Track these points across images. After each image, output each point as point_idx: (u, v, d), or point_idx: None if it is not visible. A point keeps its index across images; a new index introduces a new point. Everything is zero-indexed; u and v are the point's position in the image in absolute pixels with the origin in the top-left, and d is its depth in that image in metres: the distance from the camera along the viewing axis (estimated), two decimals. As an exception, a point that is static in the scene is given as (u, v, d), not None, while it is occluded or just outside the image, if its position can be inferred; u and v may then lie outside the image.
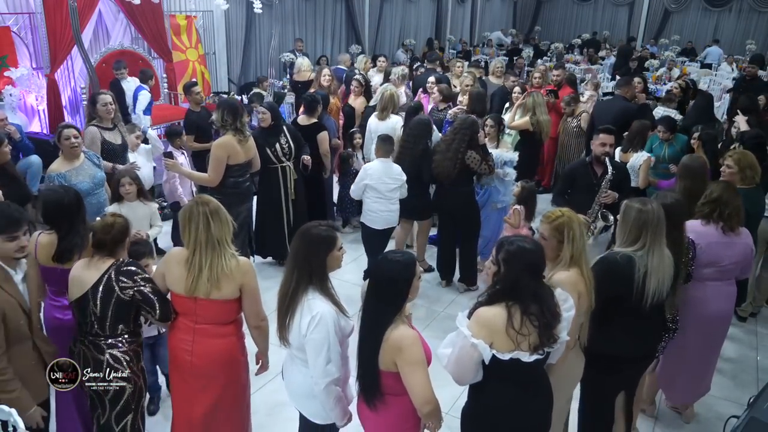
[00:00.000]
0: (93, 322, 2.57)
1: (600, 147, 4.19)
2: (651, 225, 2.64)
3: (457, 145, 4.62)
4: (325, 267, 2.40)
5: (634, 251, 2.67)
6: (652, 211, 2.66)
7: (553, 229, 2.48)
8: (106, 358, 2.55)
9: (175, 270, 2.56)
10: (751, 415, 2.51)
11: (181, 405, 2.72)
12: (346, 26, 13.81)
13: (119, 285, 2.53)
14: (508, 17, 20.25)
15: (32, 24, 6.80)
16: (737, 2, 16.71)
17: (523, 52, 13.33)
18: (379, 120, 5.78)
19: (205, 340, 2.58)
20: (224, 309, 2.58)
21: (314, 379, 2.34)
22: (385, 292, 2.20)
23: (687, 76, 10.73)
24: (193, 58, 8.58)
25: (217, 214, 2.54)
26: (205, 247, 2.50)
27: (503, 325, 2.10)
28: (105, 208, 3.95)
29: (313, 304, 2.32)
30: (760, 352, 4.34)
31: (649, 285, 2.65)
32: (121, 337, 2.60)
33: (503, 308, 2.13)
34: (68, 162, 3.96)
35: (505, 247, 2.20)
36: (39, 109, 6.96)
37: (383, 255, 2.31)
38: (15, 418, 2.26)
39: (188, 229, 2.53)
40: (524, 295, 2.13)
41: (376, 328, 2.17)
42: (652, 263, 2.64)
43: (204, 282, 2.48)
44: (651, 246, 2.65)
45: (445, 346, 2.27)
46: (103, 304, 2.53)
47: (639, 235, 2.67)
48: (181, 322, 2.62)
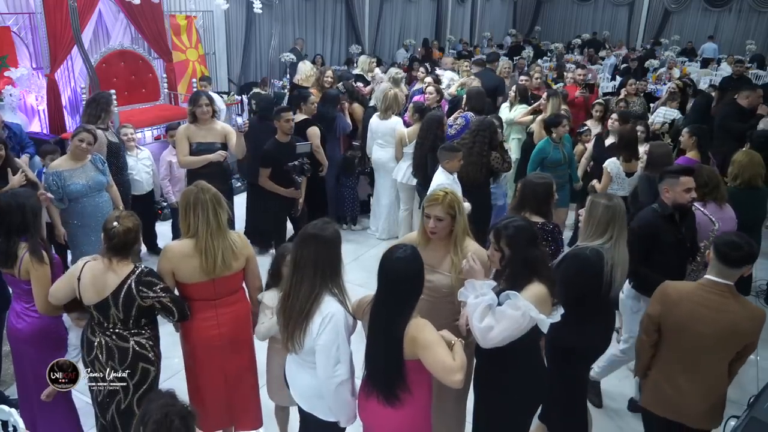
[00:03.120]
0: (116, 322, 2.60)
1: (685, 194, 3.31)
2: (618, 219, 2.79)
3: (479, 149, 4.61)
4: (341, 265, 2.40)
5: (601, 245, 2.78)
6: (618, 206, 2.81)
7: (447, 206, 2.65)
8: (131, 345, 2.63)
9: (188, 263, 2.67)
10: (751, 415, 2.51)
11: (211, 378, 2.86)
12: (346, 26, 13.81)
13: (140, 294, 2.57)
14: (508, 17, 20.26)
15: (32, 24, 6.79)
16: (737, 2, 16.73)
17: (523, 52, 13.33)
18: (380, 120, 5.80)
19: (226, 309, 2.83)
20: (237, 279, 2.87)
21: (322, 380, 2.34)
22: (400, 288, 2.21)
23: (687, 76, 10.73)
24: (193, 58, 8.56)
25: (220, 201, 2.71)
26: (217, 233, 2.67)
27: (549, 298, 2.34)
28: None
29: (326, 304, 2.31)
30: (760, 352, 4.34)
31: (615, 276, 2.78)
32: (144, 327, 2.68)
33: (542, 284, 2.33)
34: (71, 162, 4.01)
35: (503, 232, 2.40)
36: (39, 109, 6.94)
37: (389, 253, 2.28)
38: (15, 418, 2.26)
39: (193, 215, 2.65)
40: (537, 264, 2.35)
41: (398, 323, 2.18)
42: (617, 255, 2.78)
43: (220, 264, 2.68)
44: (617, 239, 2.78)
45: (478, 319, 2.26)
46: (126, 309, 2.58)
47: (606, 229, 2.79)
48: (199, 304, 2.78)
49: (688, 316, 2.58)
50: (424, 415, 2.36)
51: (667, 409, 2.73)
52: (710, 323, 2.53)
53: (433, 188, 4.38)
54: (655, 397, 2.77)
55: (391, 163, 5.79)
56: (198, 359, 2.86)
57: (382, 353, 2.24)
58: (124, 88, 7.61)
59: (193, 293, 2.75)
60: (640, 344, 2.86)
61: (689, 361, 2.65)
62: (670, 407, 2.72)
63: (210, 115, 4.67)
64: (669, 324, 2.67)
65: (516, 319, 2.23)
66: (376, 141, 5.91)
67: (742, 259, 2.50)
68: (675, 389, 2.69)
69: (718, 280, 2.55)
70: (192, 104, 4.62)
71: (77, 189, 3.96)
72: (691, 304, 2.59)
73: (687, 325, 2.59)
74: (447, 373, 2.13)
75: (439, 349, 2.16)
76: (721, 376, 2.64)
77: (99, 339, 2.63)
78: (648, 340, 2.77)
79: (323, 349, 2.30)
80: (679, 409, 2.70)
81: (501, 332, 2.23)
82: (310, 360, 2.39)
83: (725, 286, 2.54)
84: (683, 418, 2.70)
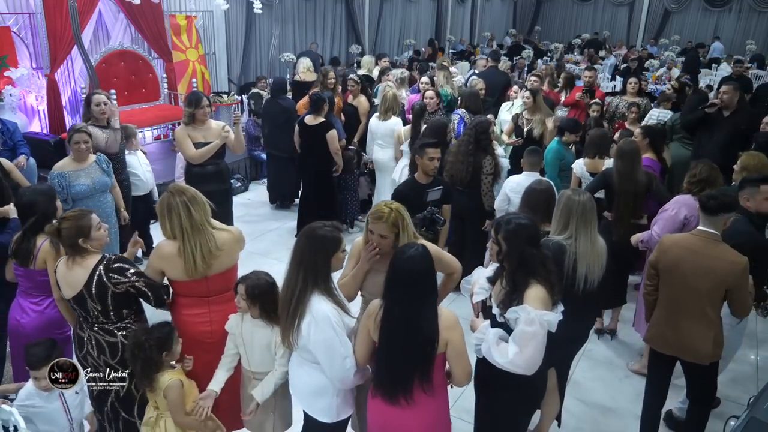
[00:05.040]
0: (97, 315, 2.63)
1: (767, 201, 3.25)
2: (576, 213, 2.86)
3: (465, 148, 4.57)
4: (330, 268, 2.40)
5: (565, 239, 2.89)
6: (578, 201, 2.89)
7: (390, 225, 2.60)
8: (119, 340, 2.65)
9: (174, 262, 2.67)
10: (751, 415, 2.51)
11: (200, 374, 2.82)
12: (346, 26, 13.82)
13: (111, 282, 2.58)
14: (508, 17, 20.26)
15: (32, 24, 6.79)
16: (737, 2, 16.73)
17: (523, 52, 13.32)
18: (380, 120, 5.80)
19: (219, 307, 2.79)
20: (231, 277, 2.80)
21: (334, 380, 2.35)
22: (418, 286, 2.19)
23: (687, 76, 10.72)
24: (193, 58, 8.56)
25: (194, 200, 2.67)
26: (192, 233, 2.63)
27: (549, 298, 2.34)
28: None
29: (314, 305, 2.32)
30: (760, 352, 4.34)
31: (581, 270, 2.85)
32: (127, 319, 2.69)
33: (540, 285, 2.32)
34: (74, 163, 4.05)
35: (503, 226, 2.40)
36: (39, 109, 6.94)
37: (400, 253, 2.26)
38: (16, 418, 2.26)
39: (168, 220, 2.65)
40: (534, 264, 2.34)
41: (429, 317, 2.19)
42: (579, 249, 2.85)
43: (200, 263, 2.64)
44: (577, 233, 2.86)
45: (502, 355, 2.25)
46: (101, 299, 2.59)
47: (567, 223, 2.89)
48: (192, 300, 2.78)
49: (675, 258, 2.97)
50: (446, 412, 2.38)
51: (664, 346, 3.11)
52: (691, 264, 2.91)
53: (512, 187, 4.41)
54: (656, 335, 3.15)
55: (391, 163, 5.79)
56: (189, 355, 2.85)
57: (406, 355, 2.19)
58: (124, 88, 7.62)
59: (186, 290, 2.77)
60: (645, 289, 3.24)
61: (680, 301, 2.99)
62: (667, 344, 3.09)
63: (208, 115, 4.69)
64: (661, 267, 3.06)
65: (536, 334, 2.22)
66: (376, 141, 5.92)
67: (718, 207, 2.87)
68: (670, 327, 3.04)
69: (704, 229, 2.93)
70: (194, 106, 4.58)
71: (81, 190, 4.00)
72: (679, 249, 2.98)
73: (674, 266, 2.98)
74: (467, 372, 2.27)
75: (465, 345, 2.26)
76: (708, 316, 2.93)
77: (87, 334, 2.68)
78: (650, 284, 3.16)
79: (324, 350, 2.30)
80: (674, 345, 3.06)
81: (533, 351, 2.21)
82: (307, 357, 2.41)
83: (710, 233, 2.90)
84: (678, 352, 3.06)
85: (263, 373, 2.62)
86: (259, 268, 2.71)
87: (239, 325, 2.65)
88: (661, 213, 3.80)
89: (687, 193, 3.75)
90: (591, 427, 3.58)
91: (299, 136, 5.67)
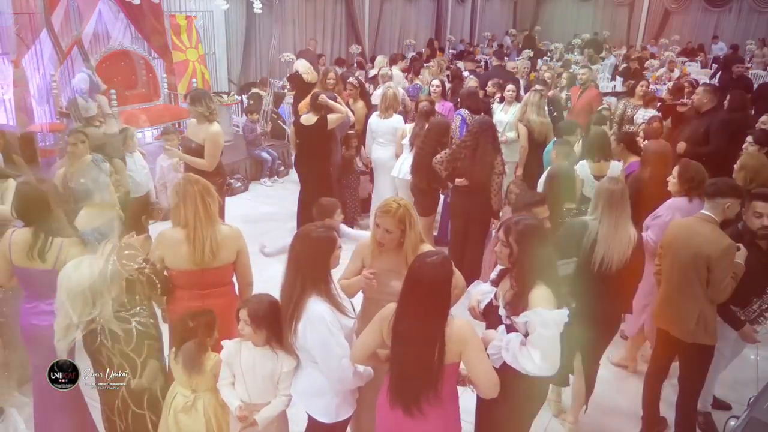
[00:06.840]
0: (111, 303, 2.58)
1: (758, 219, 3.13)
2: (603, 197, 3.06)
3: (483, 149, 4.51)
4: (329, 269, 2.40)
5: (592, 219, 3.11)
6: (607, 188, 3.08)
7: (398, 220, 2.60)
8: (133, 326, 2.62)
9: (179, 249, 2.72)
10: (751, 415, 2.51)
11: None
12: (346, 26, 13.82)
13: (124, 268, 2.57)
14: (508, 17, 20.25)
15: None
16: (737, 2, 16.71)
17: (523, 52, 13.31)
18: (380, 119, 5.81)
19: (214, 301, 2.82)
20: (226, 272, 2.90)
21: (332, 380, 2.34)
22: (433, 294, 2.14)
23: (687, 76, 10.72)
24: (193, 58, 8.57)
25: (209, 191, 2.78)
26: (206, 222, 2.74)
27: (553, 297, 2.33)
28: None
29: (310, 306, 2.31)
30: (760, 352, 4.34)
31: (597, 250, 3.00)
32: (140, 305, 2.68)
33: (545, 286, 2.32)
34: (72, 163, 4.07)
35: (514, 228, 2.39)
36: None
37: (419, 260, 2.22)
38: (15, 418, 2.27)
39: (183, 207, 2.71)
40: (546, 266, 2.35)
41: (436, 327, 2.14)
42: (601, 231, 3.02)
43: (207, 253, 2.74)
44: (602, 216, 3.05)
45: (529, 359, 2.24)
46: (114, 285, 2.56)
47: (597, 205, 3.10)
48: (187, 293, 2.83)
49: (673, 237, 3.18)
50: (456, 423, 2.33)
51: (662, 321, 3.27)
52: (683, 242, 3.08)
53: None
54: (657, 311, 3.32)
55: (391, 162, 5.78)
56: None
57: (414, 363, 2.16)
58: (124, 88, 7.62)
59: (182, 282, 2.80)
60: (654, 269, 3.43)
61: (673, 275, 3.16)
62: (662, 316, 3.26)
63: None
64: (662, 245, 3.28)
65: (554, 335, 2.22)
66: (377, 140, 5.91)
67: (716, 192, 3.07)
68: (666, 300, 3.21)
69: (705, 212, 3.11)
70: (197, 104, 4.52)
71: (82, 189, 3.97)
72: (677, 228, 3.19)
73: (670, 244, 3.18)
74: (491, 382, 2.16)
75: (486, 358, 2.20)
76: (696, 293, 3.05)
77: (100, 325, 2.60)
78: (658, 264, 3.35)
79: (321, 350, 2.30)
80: (665, 318, 3.23)
81: (555, 352, 2.22)
82: (306, 357, 2.41)
83: (707, 216, 3.08)
84: (665, 324, 3.23)
85: (263, 404, 2.53)
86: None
87: (238, 354, 2.49)
88: (655, 219, 3.74)
89: (678, 195, 3.69)
90: (591, 427, 3.58)
91: (296, 136, 5.67)
